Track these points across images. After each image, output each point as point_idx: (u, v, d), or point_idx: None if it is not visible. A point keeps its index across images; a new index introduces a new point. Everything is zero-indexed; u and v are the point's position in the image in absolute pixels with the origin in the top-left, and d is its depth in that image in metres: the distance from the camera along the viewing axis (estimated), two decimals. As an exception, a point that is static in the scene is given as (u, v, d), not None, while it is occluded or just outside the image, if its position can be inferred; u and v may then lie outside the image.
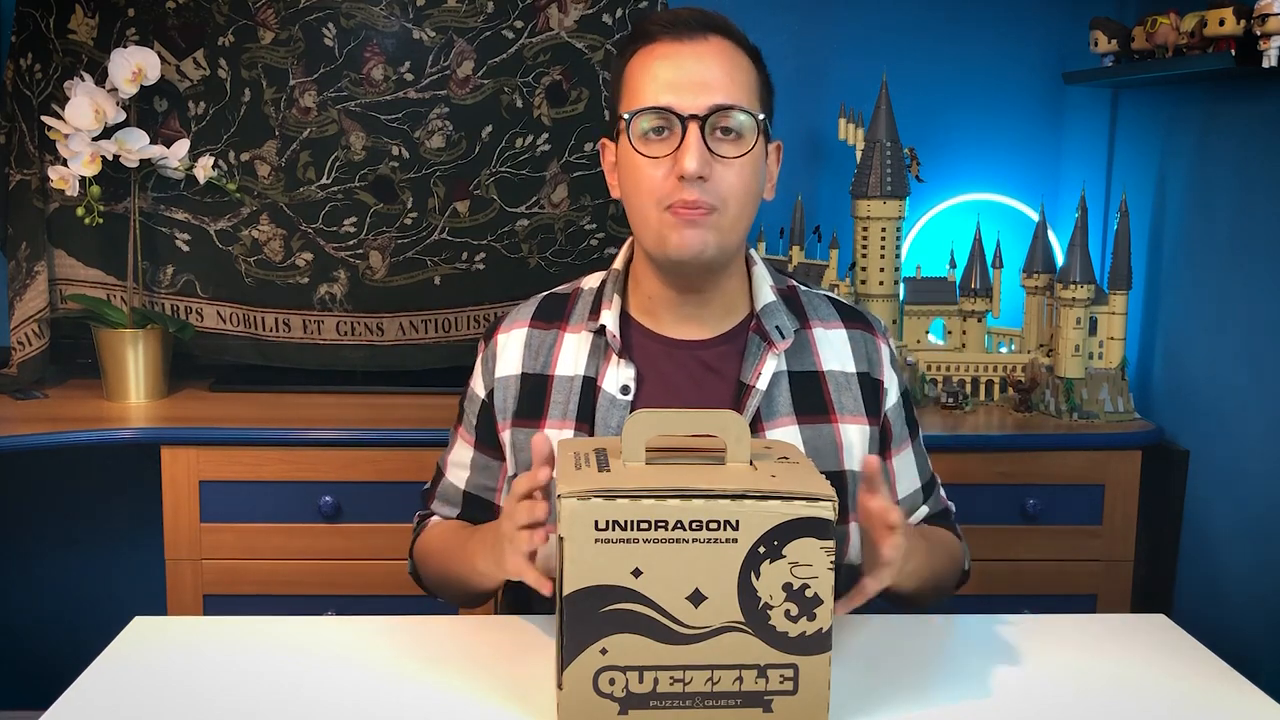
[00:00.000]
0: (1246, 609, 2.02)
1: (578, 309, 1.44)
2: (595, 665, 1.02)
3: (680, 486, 1.00)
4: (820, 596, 1.02)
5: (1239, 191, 2.08)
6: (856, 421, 1.41)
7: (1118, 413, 2.27)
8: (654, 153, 1.30)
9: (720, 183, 1.30)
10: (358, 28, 2.43)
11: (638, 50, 1.34)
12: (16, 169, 2.39)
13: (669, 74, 1.30)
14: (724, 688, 1.03)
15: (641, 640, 1.01)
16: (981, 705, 1.15)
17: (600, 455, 1.08)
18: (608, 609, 1.01)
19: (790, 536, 1.00)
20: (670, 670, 1.02)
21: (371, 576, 2.16)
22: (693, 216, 1.29)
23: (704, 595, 1.01)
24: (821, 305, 1.46)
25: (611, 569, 1.00)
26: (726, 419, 1.07)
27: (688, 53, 1.31)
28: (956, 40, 2.61)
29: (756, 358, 1.38)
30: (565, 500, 0.99)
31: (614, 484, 1.00)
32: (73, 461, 2.57)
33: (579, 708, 1.02)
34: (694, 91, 1.29)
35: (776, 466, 1.06)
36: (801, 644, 1.02)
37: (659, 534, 1.00)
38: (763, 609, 1.01)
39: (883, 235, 2.38)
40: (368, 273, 2.52)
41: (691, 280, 1.37)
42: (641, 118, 1.31)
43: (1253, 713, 1.14)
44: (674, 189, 1.29)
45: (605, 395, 1.37)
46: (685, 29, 1.32)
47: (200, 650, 1.25)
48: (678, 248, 1.31)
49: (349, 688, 1.16)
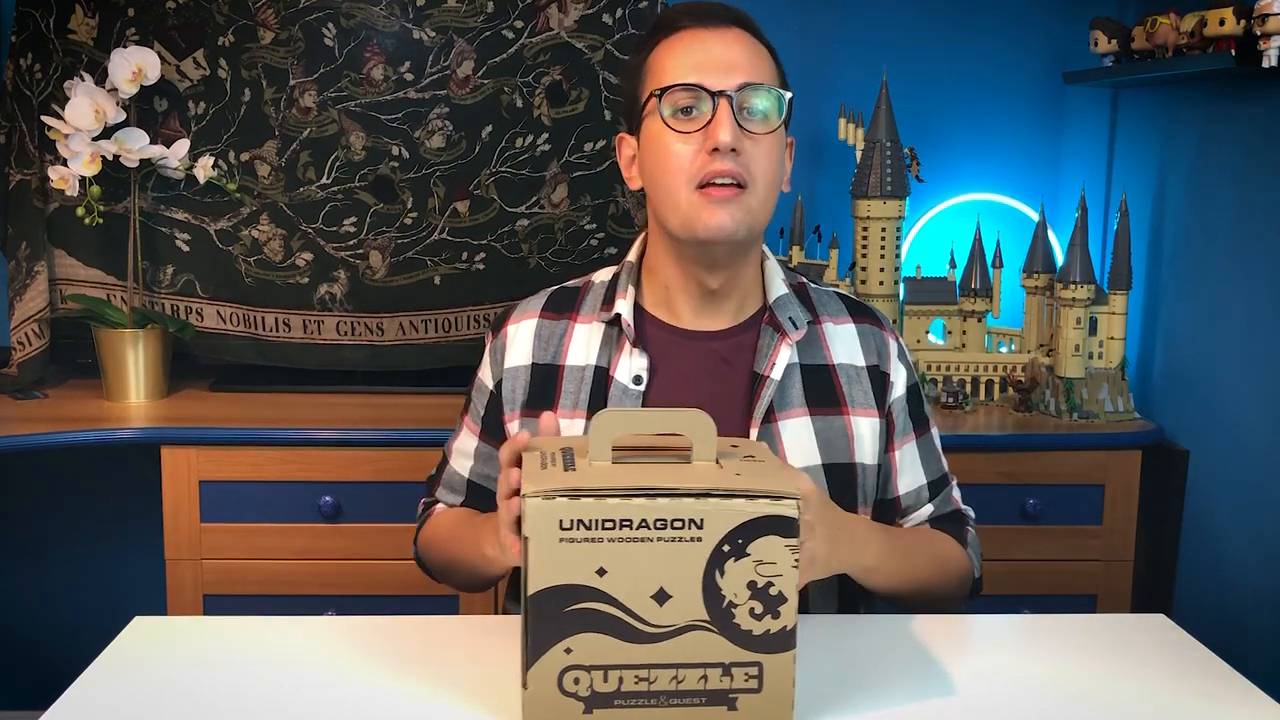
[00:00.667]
0: (1246, 609, 2.02)
1: (589, 300, 1.45)
2: (560, 664, 1.02)
3: (645, 485, 1.00)
4: (785, 595, 1.01)
5: (1239, 191, 2.08)
6: (867, 414, 1.41)
7: (1118, 413, 2.27)
8: (685, 128, 1.31)
9: (751, 160, 1.31)
10: (358, 28, 2.43)
11: (661, 40, 1.37)
12: (16, 169, 2.40)
13: (697, 56, 1.33)
14: (689, 686, 1.03)
15: (606, 639, 1.01)
16: (981, 705, 1.15)
17: (567, 454, 1.08)
18: (572, 608, 1.01)
19: (754, 535, 1.00)
20: (635, 669, 1.02)
21: (371, 576, 2.16)
22: (724, 195, 1.30)
23: (669, 594, 1.01)
24: (831, 301, 1.47)
25: (576, 568, 1.00)
26: (693, 418, 1.07)
27: (713, 39, 1.34)
28: (956, 40, 2.62)
29: (770, 348, 1.39)
30: (529, 500, 0.99)
31: (579, 483, 1.00)
32: (73, 461, 2.57)
33: (544, 707, 1.02)
34: (724, 70, 1.32)
35: (742, 465, 1.06)
36: (766, 642, 1.02)
37: (623, 533, 1.00)
38: (727, 607, 1.01)
39: (883, 235, 2.38)
40: (368, 273, 2.52)
41: (715, 264, 1.37)
42: (672, 95, 1.32)
43: (1253, 713, 1.14)
44: (705, 163, 1.30)
45: (618, 385, 1.38)
46: (710, 18, 1.35)
47: (200, 650, 1.24)
48: (707, 227, 1.31)
49: (349, 688, 1.16)
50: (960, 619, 1.38)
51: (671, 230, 1.35)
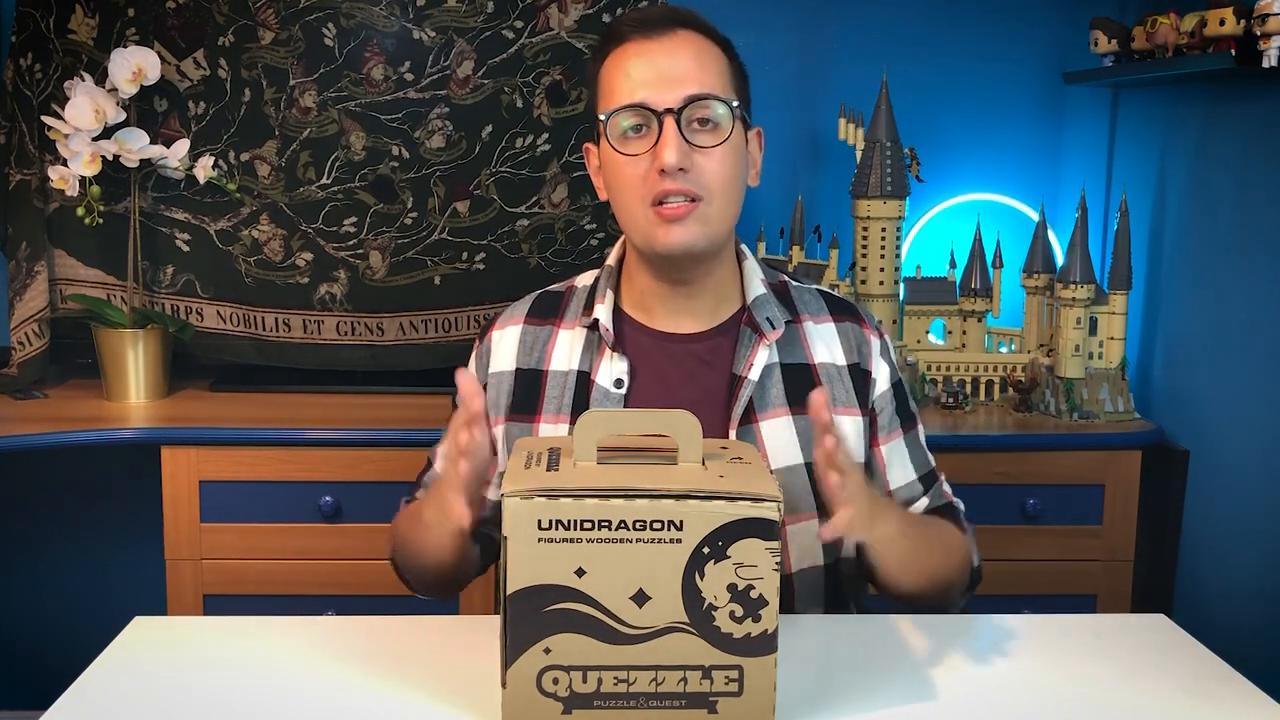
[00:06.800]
0: (1246, 609, 2.02)
1: (572, 305, 1.46)
2: (539, 665, 1.02)
3: (625, 486, 1.00)
4: (765, 598, 1.01)
5: (1239, 191, 2.08)
6: (849, 413, 1.41)
7: (1118, 413, 2.27)
8: (633, 150, 1.32)
9: (702, 173, 1.31)
10: (358, 28, 2.43)
11: (610, 52, 1.37)
12: (16, 169, 2.40)
13: (641, 72, 1.32)
14: (668, 688, 1.02)
15: (585, 640, 1.01)
16: (980, 706, 1.15)
17: (552, 455, 1.09)
18: (551, 608, 1.01)
19: (735, 537, 1.00)
20: (614, 670, 1.02)
21: (371, 576, 2.16)
22: (678, 212, 1.31)
23: (648, 595, 1.01)
24: (811, 300, 1.47)
25: (555, 568, 1.00)
26: (678, 418, 1.07)
27: (657, 49, 1.33)
28: (956, 40, 2.62)
29: (748, 349, 1.39)
30: (508, 499, 0.99)
31: (559, 483, 1.01)
32: (73, 461, 2.57)
33: (523, 707, 1.02)
34: (667, 86, 1.31)
35: (727, 467, 1.06)
36: (747, 645, 1.02)
37: (603, 534, 1.00)
38: (707, 610, 1.01)
39: (883, 235, 2.38)
40: (368, 273, 2.52)
41: (683, 273, 1.38)
42: (618, 117, 1.33)
43: (1253, 713, 1.14)
44: (656, 183, 1.30)
45: (599, 389, 1.39)
46: (653, 26, 1.34)
47: (200, 650, 1.24)
48: (666, 244, 1.32)
49: (349, 688, 1.16)
50: (959, 619, 1.38)
51: (635, 244, 1.38)
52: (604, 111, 1.34)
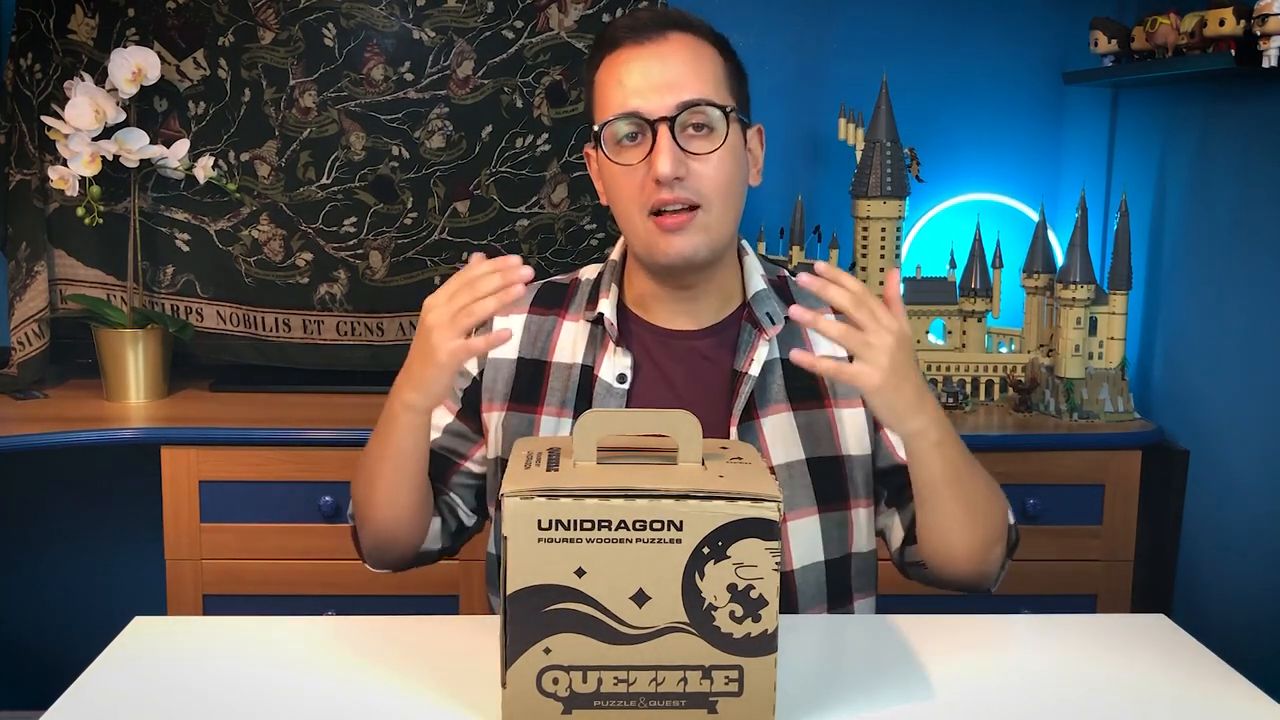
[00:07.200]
0: (1246, 609, 2.02)
1: (576, 298, 1.46)
2: (539, 665, 1.02)
3: (625, 486, 1.00)
4: (765, 598, 1.01)
5: (1239, 191, 2.08)
6: (851, 405, 1.41)
7: (1118, 413, 2.27)
8: (628, 160, 1.32)
9: (699, 180, 1.30)
10: (358, 28, 2.43)
11: (603, 58, 1.36)
12: (16, 169, 2.40)
13: (634, 79, 1.31)
14: (668, 689, 1.02)
15: (585, 640, 1.01)
16: (979, 707, 1.15)
17: (552, 454, 1.09)
18: (551, 608, 1.01)
19: (735, 537, 1.00)
20: (614, 670, 1.02)
21: (371, 576, 2.15)
22: (676, 222, 1.30)
23: (648, 595, 1.01)
24: (811, 294, 1.46)
25: (554, 568, 1.00)
26: (678, 418, 1.07)
27: (649, 54, 1.32)
28: (956, 40, 2.62)
29: (749, 345, 1.39)
30: (508, 499, 1.00)
31: (559, 483, 1.01)
32: (73, 461, 2.56)
33: (523, 707, 1.03)
34: (660, 93, 1.30)
35: (727, 467, 1.06)
36: (747, 645, 1.02)
37: (602, 534, 1.00)
38: (707, 610, 1.01)
39: (883, 235, 2.38)
40: (368, 273, 2.52)
41: (684, 279, 1.38)
42: (612, 126, 1.32)
43: (1253, 713, 1.14)
44: (653, 192, 1.30)
45: (602, 384, 1.39)
46: (645, 30, 1.33)
47: (200, 650, 1.24)
48: (666, 255, 1.32)
49: (348, 688, 1.16)
50: (958, 619, 1.37)
51: (636, 254, 1.38)
52: (598, 120, 1.34)
